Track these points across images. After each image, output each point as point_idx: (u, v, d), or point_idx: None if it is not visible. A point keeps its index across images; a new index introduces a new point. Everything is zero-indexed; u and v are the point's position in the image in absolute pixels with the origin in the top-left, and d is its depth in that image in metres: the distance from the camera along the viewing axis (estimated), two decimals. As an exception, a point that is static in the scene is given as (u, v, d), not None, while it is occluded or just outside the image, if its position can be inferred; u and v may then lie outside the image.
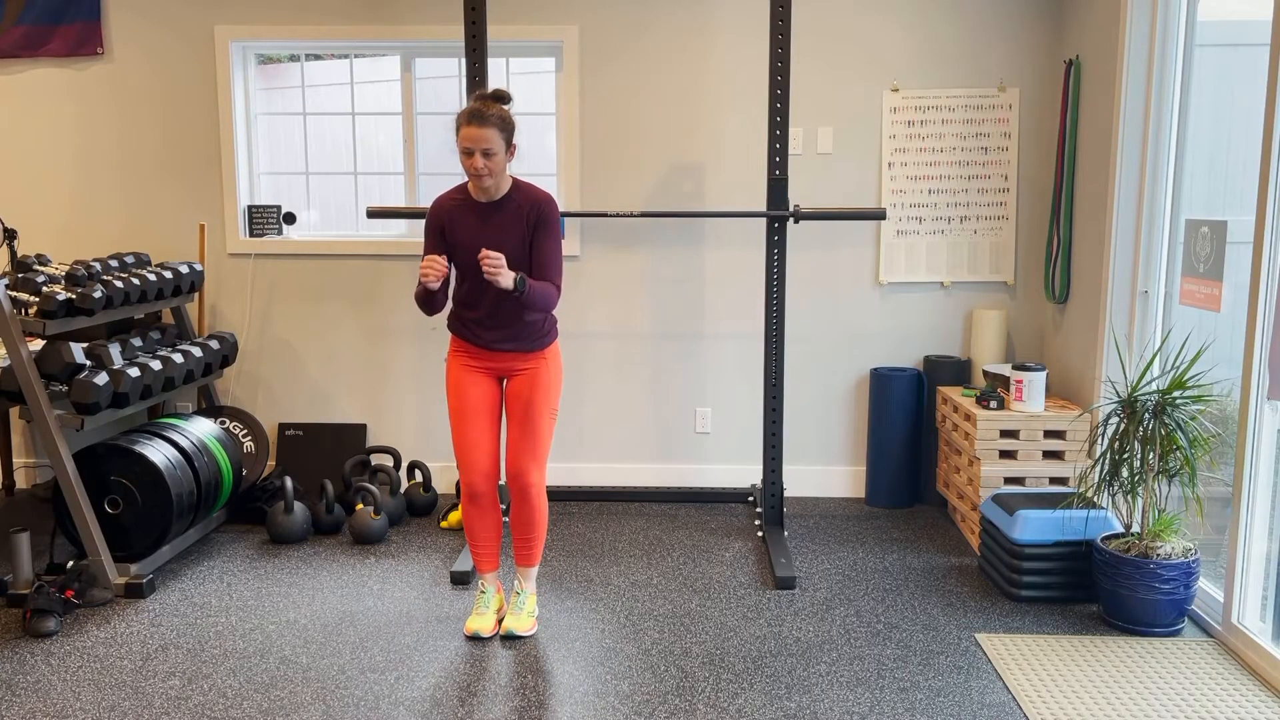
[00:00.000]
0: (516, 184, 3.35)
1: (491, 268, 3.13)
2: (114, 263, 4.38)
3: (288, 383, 5.13)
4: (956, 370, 4.82)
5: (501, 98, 3.28)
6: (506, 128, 3.23)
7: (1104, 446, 3.62)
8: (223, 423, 4.95)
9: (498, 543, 3.53)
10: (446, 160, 5.05)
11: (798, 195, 4.84)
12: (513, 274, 3.20)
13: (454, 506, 4.65)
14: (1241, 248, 3.36)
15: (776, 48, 4.13)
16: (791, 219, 4.18)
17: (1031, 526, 3.72)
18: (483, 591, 3.56)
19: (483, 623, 3.48)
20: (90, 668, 3.27)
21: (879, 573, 4.07)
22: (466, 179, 3.34)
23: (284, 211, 5.05)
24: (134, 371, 3.90)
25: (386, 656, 3.35)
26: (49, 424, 3.72)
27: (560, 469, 5.11)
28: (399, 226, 5.09)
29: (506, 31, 4.81)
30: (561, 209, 4.92)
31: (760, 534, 4.44)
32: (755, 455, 5.06)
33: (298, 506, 4.39)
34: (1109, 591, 3.52)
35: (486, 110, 3.20)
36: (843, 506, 4.92)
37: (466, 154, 3.20)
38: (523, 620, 3.48)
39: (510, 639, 3.46)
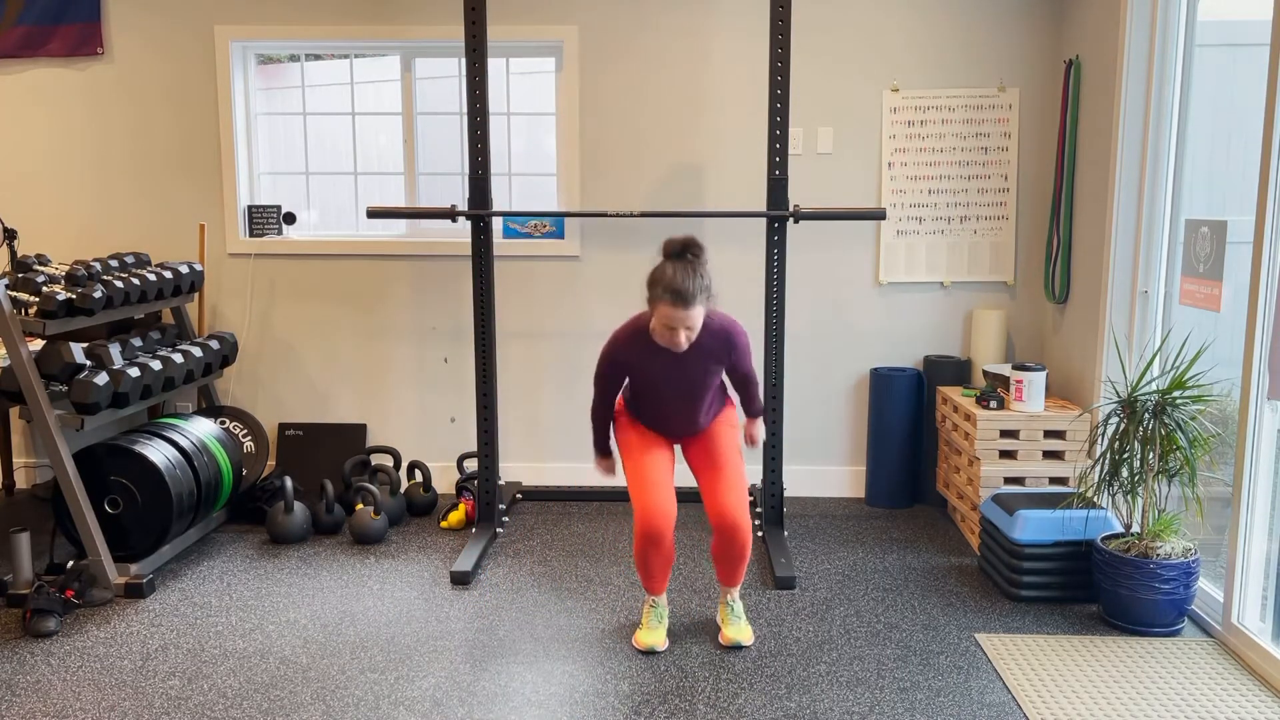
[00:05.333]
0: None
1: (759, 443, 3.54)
2: (114, 263, 4.38)
3: (288, 383, 5.13)
4: (956, 370, 4.82)
5: (696, 251, 3.07)
6: (709, 298, 3.07)
7: (1104, 446, 3.62)
8: (223, 423, 4.95)
9: (669, 570, 3.47)
10: (447, 160, 5.06)
11: (798, 195, 4.84)
12: (758, 421, 3.53)
13: (454, 506, 4.64)
14: (1241, 248, 3.36)
15: (776, 47, 4.13)
16: (791, 219, 4.18)
17: (1031, 526, 3.72)
18: (654, 605, 3.47)
19: (656, 637, 3.40)
20: (90, 668, 3.27)
21: (879, 573, 4.07)
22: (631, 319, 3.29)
23: (284, 211, 5.05)
24: (134, 371, 3.90)
25: (386, 656, 3.35)
26: (49, 424, 3.72)
27: (560, 469, 5.11)
28: (399, 226, 5.09)
29: (506, 31, 4.81)
30: (561, 209, 4.93)
31: (760, 534, 4.44)
32: (755, 455, 5.05)
33: (298, 506, 4.39)
34: (1109, 591, 3.52)
35: (690, 287, 2.99)
36: (843, 506, 4.92)
37: (667, 328, 3.05)
38: (744, 630, 3.43)
39: (735, 649, 3.40)
